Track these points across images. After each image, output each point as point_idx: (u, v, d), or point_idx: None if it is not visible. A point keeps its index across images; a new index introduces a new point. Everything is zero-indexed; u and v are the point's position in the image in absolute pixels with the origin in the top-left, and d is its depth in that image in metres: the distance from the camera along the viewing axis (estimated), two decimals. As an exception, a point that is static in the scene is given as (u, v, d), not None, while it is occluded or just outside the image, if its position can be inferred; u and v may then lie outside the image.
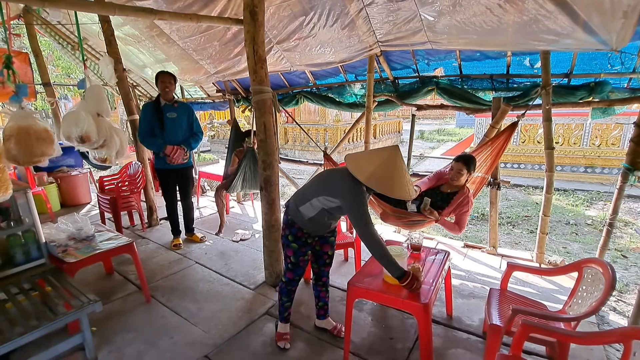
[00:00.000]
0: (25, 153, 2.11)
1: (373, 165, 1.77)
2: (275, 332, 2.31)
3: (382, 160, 1.78)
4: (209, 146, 15.49)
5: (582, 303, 1.87)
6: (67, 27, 5.23)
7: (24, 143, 2.09)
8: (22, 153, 2.10)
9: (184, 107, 3.56)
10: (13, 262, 2.28)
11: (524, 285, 2.96)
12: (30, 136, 2.10)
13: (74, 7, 2.33)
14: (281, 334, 2.27)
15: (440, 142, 17.16)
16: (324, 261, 2.27)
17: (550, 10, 2.33)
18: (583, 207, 6.66)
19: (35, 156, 2.16)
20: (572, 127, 8.87)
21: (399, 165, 1.78)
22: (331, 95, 4.52)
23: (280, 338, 2.26)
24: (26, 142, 2.09)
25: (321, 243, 2.20)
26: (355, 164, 1.81)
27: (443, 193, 2.82)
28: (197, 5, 3.34)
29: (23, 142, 2.08)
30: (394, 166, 1.77)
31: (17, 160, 2.10)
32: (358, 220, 1.81)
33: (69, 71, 12.85)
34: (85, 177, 5.45)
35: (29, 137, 2.10)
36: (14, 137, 2.07)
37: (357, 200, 1.81)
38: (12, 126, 2.11)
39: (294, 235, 2.06)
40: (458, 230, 2.65)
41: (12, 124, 2.13)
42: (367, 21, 3.26)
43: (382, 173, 1.75)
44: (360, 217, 1.80)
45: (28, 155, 2.13)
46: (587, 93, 3.05)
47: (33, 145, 2.12)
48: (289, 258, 2.14)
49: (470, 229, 5.55)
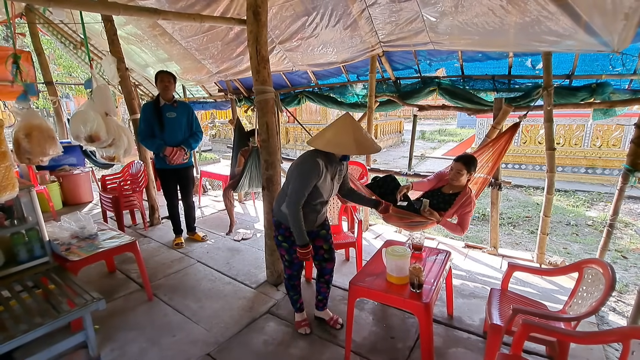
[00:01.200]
0: (37, 151, 2.13)
1: (329, 133, 1.97)
2: (294, 321, 2.44)
3: (337, 127, 1.97)
4: (210, 145, 15.50)
5: (582, 303, 1.88)
6: (69, 26, 5.24)
7: (37, 141, 2.11)
8: (35, 151, 2.12)
9: (184, 106, 3.57)
10: (17, 260, 2.29)
11: (524, 285, 2.97)
12: (42, 134, 2.12)
13: (79, 6, 2.34)
14: (299, 322, 2.41)
15: (442, 142, 17.15)
16: (322, 256, 2.32)
17: (552, 11, 2.34)
18: (584, 207, 6.66)
19: (45, 154, 2.18)
20: (573, 128, 8.87)
21: (354, 125, 1.95)
22: (333, 95, 4.53)
23: (299, 326, 2.40)
24: (39, 140, 2.12)
25: (312, 238, 2.24)
26: (314, 139, 2.01)
27: (444, 194, 2.82)
28: (200, 4, 3.35)
29: (36, 140, 2.10)
30: (349, 127, 1.93)
31: (29, 158, 2.12)
32: (292, 190, 1.98)
33: (71, 70, 12.85)
34: (87, 175, 5.47)
35: (42, 135, 2.12)
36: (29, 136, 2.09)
37: (300, 173, 1.96)
38: (26, 125, 2.13)
39: (283, 235, 2.17)
40: (460, 231, 2.65)
41: (25, 123, 2.15)
42: (369, 22, 3.27)
43: (339, 137, 1.93)
44: (296, 189, 1.95)
45: (39, 153, 2.16)
46: (589, 94, 3.06)
47: (45, 143, 2.14)
48: (284, 257, 2.26)
49: (471, 229, 5.56)
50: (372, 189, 2.88)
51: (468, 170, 2.70)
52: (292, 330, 2.40)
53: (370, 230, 4.28)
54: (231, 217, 4.16)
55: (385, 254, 2.00)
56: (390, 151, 15.08)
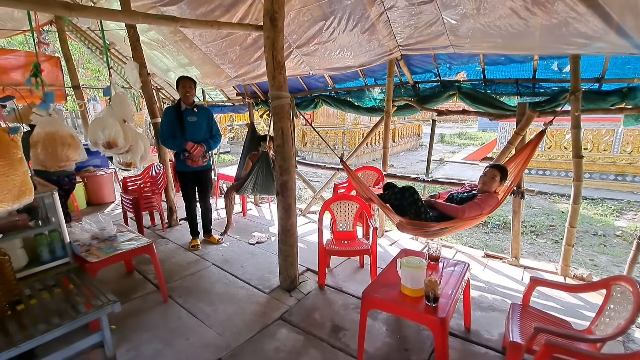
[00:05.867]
0: (51, 158, 2.20)
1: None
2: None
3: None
4: (229, 147, 15.74)
5: (610, 323, 1.77)
6: (96, 32, 5.44)
7: (50, 149, 2.18)
8: (49, 158, 2.19)
9: (204, 110, 3.64)
10: (39, 260, 2.38)
11: (547, 299, 2.84)
12: (55, 142, 2.20)
13: (100, 16, 2.42)
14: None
15: (461, 146, 16.79)
16: None
17: (582, 12, 2.23)
18: (612, 217, 6.34)
19: (61, 161, 2.25)
20: (602, 133, 8.49)
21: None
22: (350, 99, 4.49)
23: None
24: (52, 148, 2.19)
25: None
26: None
27: (470, 192, 2.82)
28: (219, 10, 3.39)
29: (49, 147, 2.18)
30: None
31: (45, 165, 2.19)
32: None
33: (99, 74, 13.37)
34: (110, 177, 5.65)
35: (55, 142, 2.19)
36: (41, 143, 2.16)
37: None
38: (39, 133, 2.22)
39: None
40: (458, 210, 2.59)
41: (39, 131, 2.23)
42: (387, 25, 3.22)
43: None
44: None
45: (55, 160, 2.22)
46: (620, 99, 2.91)
47: (58, 150, 2.21)
48: None
49: (492, 238, 5.39)
50: (386, 198, 2.80)
51: (502, 178, 2.71)
52: (304, 338, 2.37)
53: (385, 237, 4.21)
54: (229, 218, 4.18)
55: (400, 265, 1.94)
56: (407, 155, 14.89)
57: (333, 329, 2.45)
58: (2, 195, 1.80)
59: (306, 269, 3.32)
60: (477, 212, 2.61)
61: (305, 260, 3.39)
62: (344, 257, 3.46)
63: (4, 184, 1.82)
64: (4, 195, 1.81)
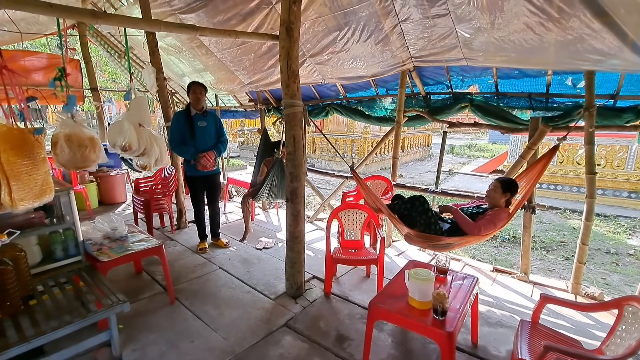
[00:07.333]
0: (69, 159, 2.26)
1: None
2: None
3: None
4: (239, 152, 15.88)
5: (621, 343, 1.74)
6: (116, 37, 5.59)
7: (67, 149, 2.25)
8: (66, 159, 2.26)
9: (213, 116, 3.70)
10: (53, 258, 2.43)
11: (557, 317, 2.78)
12: (72, 143, 2.26)
13: (123, 24, 2.50)
14: None
15: (471, 157, 16.66)
16: None
17: (597, 29, 2.23)
18: (625, 235, 6.21)
19: (79, 162, 2.31)
20: (615, 149, 8.35)
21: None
22: (361, 108, 4.52)
23: None
24: (70, 149, 2.25)
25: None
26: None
27: (481, 206, 2.80)
28: (236, 19, 3.47)
29: (66, 148, 2.24)
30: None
31: (66, 166, 2.25)
32: None
33: (115, 76, 13.69)
34: (122, 177, 5.75)
35: (72, 144, 2.26)
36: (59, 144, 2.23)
37: None
38: (58, 133, 2.29)
39: None
40: (473, 227, 2.54)
41: (58, 131, 2.31)
42: (401, 37, 3.26)
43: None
44: None
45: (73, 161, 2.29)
46: (635, 116, 2.87)
47: (75, 151, 2.28)
48: None
49: (501, 252, 5.32)
50: (395, 208, 2.79)
51: (503, 190, 2.65)
52: (308, 347, 2.37)
53: (393, 247, 4.19)
54: (247, 224, 4.21)
55: (409, 276, 1.94)
56: (417, 165, 14.83)
57: (338, 339, 2.44)
58: (25, 193, 1.86)
59: (312, 277, 3.32)
60: (492, 230, 2.59)
61: (311, 268, 3.38)
62: (351, 266, 3.46)
63: (27, 182, 1.88)
64: (26, 193, 1.87)
